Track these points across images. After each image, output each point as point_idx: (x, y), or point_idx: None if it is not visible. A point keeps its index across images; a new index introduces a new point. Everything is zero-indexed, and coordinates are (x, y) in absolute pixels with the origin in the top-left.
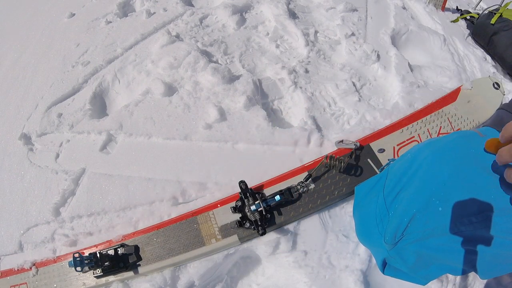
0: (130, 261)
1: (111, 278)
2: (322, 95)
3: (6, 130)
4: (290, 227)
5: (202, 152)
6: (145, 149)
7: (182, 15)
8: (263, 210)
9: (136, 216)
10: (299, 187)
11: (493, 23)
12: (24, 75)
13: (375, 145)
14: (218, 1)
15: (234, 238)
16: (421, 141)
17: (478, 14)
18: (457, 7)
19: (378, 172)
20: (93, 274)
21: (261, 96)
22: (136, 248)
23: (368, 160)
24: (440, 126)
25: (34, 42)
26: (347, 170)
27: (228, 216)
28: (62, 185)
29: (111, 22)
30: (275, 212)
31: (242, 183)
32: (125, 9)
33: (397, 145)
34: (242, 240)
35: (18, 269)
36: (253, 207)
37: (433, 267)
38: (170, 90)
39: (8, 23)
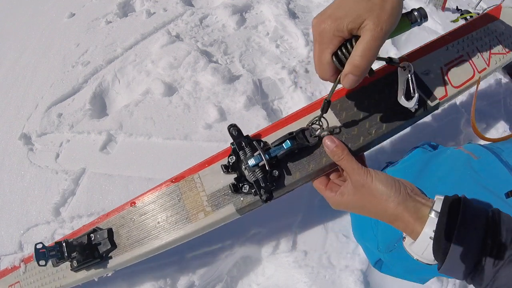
0: (103, 250)
1: (91, 271)
2: (322, 95)
3: (6, 130)
4: (291, 226)
5: (202, 152)
6: (145, 149)
7: (182, 15)
8: (266, 165)
9: None
10: (317, 125)
11: None
12: (24, 75)
13: (418, 66)
14: (218, 1)
15: (230, 209)
16: (471, 60)
17: (478, 14)
18: (457, 7)
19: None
20: (71, 266)
21: (261, 96)
22: (110, 232)
23: None
24: (490, 45)
25: (34, 42)
26: (384, 100)
27: (219, 178)
28: (62, 185)
29: (111, 22)
30: (287, 166)
31: (233, 128)
32: (125, 9)
33: (445, 65)
34: (241, 211)
35: (11, 268)
36: (251, 162)
37: (429, 270)
38: (170, 90)
39: (8, 23)
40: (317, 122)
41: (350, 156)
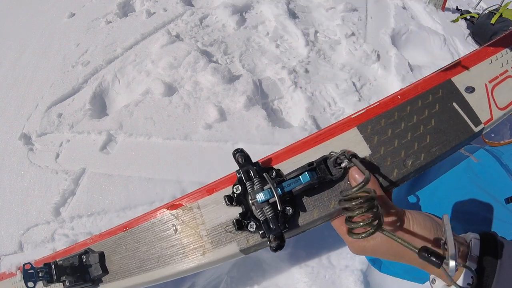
0: (95, 274)
1: None
2: (322, 95)
3: (6, 130)
4: None
5: (202, 152)
6: (145, 149)
7: (182, 15)
8: (278, 203)
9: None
10: (342, 156)
11: (493, 23)
12: (24, 75)
13: (459, 82)
14: (218, 1)
15: (232, 248)
16: None
17: (478, 14)
18: (457, 7)
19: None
20: (63, 285)
21: (261, 96)
22: (102, 256)
23: (454, 104)
24: None
25: (34, 42)
26: (423, 123)
27: (222, 210)
28: (62, 185)
29: (111, 22)
30: (303, 201)
31: (240, 154)
32: (125, 9)
33: (489, 81)
34: (246, 251)
35: (8, 273)
36: (260, 197)
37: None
38: (170, 90)
39: (8, 23)
40: (344, 153)
41: (383, 194)
